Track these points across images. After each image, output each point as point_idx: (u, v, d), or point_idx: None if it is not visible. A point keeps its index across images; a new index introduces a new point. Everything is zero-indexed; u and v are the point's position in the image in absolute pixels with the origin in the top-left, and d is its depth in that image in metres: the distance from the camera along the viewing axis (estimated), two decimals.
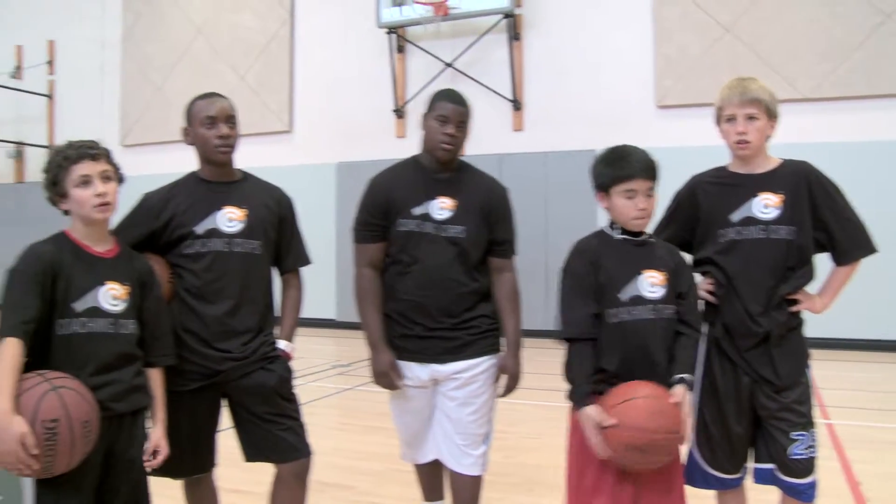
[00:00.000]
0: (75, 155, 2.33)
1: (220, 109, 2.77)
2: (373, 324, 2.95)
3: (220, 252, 2.69)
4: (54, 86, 14.85)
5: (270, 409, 2.73)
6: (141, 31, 13.91)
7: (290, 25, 12.58)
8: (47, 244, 2.34)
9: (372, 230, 2.97)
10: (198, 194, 2.75)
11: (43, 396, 2.06)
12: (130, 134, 13.82)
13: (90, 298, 2.30)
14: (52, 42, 14.82)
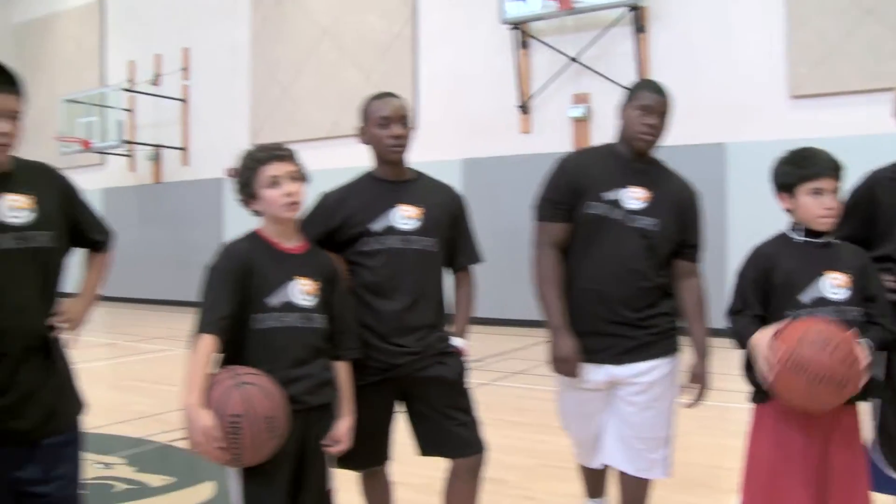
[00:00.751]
0: (265, 157, 2.44)
1: (395, 109, 2.83)
2: (554, 306, 2.88)
3: (397, 249, 2.76)
4: (188, 90, 15.51)
5: (446, 404, 2.78)
6: (269, 35, 14.37)
7: (414, 24, 12.75)
8: (241, 242, 2.49)
9: (558, 209, 2.92)
10: (373, 193, 2.82)
11: (230, 392, 2.18)
12: (260, 134, 14.29)
13: (283, 294, 2.40)
14: (186, 49, 15.49)
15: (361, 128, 2.90)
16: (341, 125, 13.15)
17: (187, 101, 15.52)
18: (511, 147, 11.68)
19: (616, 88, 10.91)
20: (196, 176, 15.27)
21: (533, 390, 6.94)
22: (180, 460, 4.72)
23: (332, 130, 13.06)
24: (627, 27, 10.88)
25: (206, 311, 2.31)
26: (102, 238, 2.62)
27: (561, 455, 4.62)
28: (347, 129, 13.07)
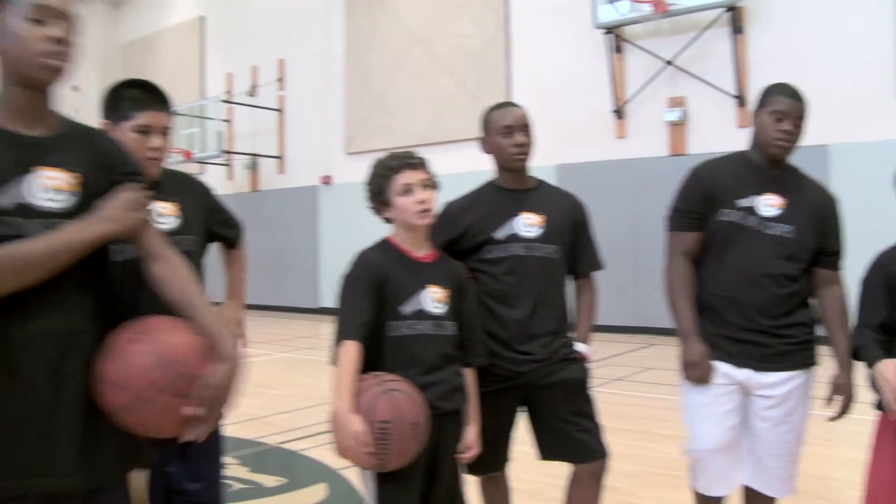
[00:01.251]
0: (398, 165, 2.48)
1: (517, 118, 2.85)
2: (685, 313, 2.84)
3: (520, 256, 2.79)
4: (284, 101, 15.89)
5: (570, 410, 2.79)
6: (362, 45, 14.62)
7: (506, 30, 12.79)
8: (375, 251, 2.53)
9: (691, 218, 2.88)
10: (496, 201, 2.86)
11: (378, 398, 2.22)
12: (353, 142, 14.55)
13: (416, 301, 2.45)
14: (282, 61, 15.89)
15: (483, 138, 2.93)
16: (434, 132, 13.30)
17: (283, 111, 15.91)
18: (606, 152, 11.60)
19: (713, 91, 10.74)
20: (292, 184, 15.64)
21: (634, 397, 6.88)
22: (292, 462, 4.85)
23: (425, 137, 13.20)
24: (724, 28, 10.68)
25: (347, 319, 2.37)
26: (236, 234, 2.86)
27: (667, 463, 4.58)
28: (440, 136, 13.29)
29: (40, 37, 1.68)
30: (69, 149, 1.77)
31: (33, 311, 1.65)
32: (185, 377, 1.65)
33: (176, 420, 1.66)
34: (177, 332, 1.71)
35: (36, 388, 1.65)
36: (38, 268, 1.63)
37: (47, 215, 1.68)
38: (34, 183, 1.68)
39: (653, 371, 8.33)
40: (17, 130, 1.72)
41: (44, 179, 1.70)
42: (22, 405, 1.64)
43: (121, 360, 1.66)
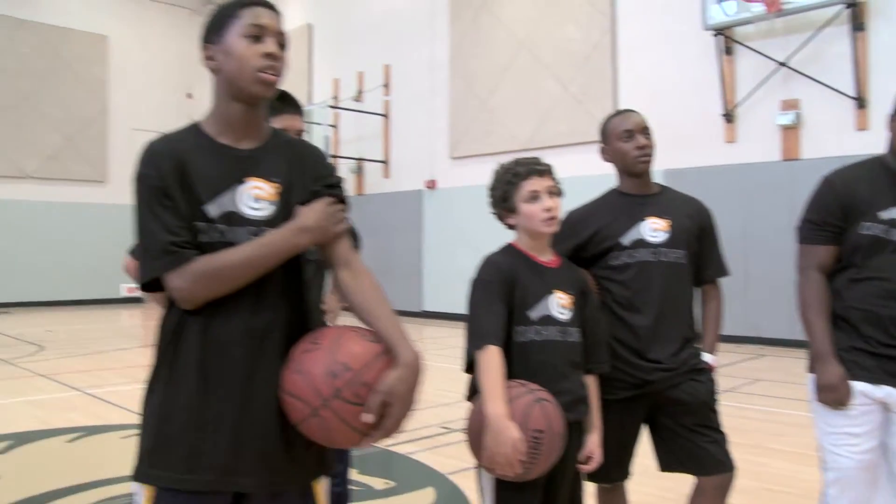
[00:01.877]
0: (525, 171, 2.50)
1: (636, 123, 2.86)
2: (820, 333, 2.69)
3: (648, 262, 2.77)
4: (389, 106, 16.13)
5: (698, 421, 2.74)
6: (467, 50, 14.70)
7: (612, 33, 12.65)
8: (503, 255, 2.53)
9: (826, 231, 2.72)
10: (620, 208, 2.86)
11: (531, 406, 2.23)
12: (458, 146, 14.64)
13: (542, 307, 2.45)
14: (387, 66, 16.13)
15: (603, 147, 2.94)
16: (539, 136, 13.26)
17: (388, 116, 16.15)
18: (715, 157, 11.33)
19: (829, 93, 10.34)
20: (396, 188, 15.84)
21: (745, 409, 6.70)
22: (399, 465, 4.92)
23: (531, 142, 13.17)
24: (843, 26, 10.29)
25: (484, 323, 2.37)
26: (356, 245, 2.99)
27: (783, 479, 4.46)
28: (545, 140, 13.23)
29: (258, 53, 1.79)
30: (273, 160, 1.87)
31: (234, 312, 1.75)
32: (364, 385, 1.67)
33: (356, 429, 1.69)
34: (354, 340, 1.74)
35: (231, 388, 1.74)
36: (246, 273, 1.74)
37: (251, 223, 1.78)
38: (242, 193, 1.79)
39: (763, 383, 8.09)
40: (230, 143, 1.84)
41: (250, 189, 1.80)
42: (217, 403, 1.73)
43: (298, 373, 1.71)
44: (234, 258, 1.73)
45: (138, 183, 1.77)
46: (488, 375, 2.26)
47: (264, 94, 1.82)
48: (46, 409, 6.67)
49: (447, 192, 14.72)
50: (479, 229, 14.17)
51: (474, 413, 2.31)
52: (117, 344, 11.78)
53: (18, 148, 18.49)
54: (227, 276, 1.73)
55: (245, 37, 1.80)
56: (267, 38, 1.82)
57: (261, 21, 1.81)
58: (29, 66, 18.71)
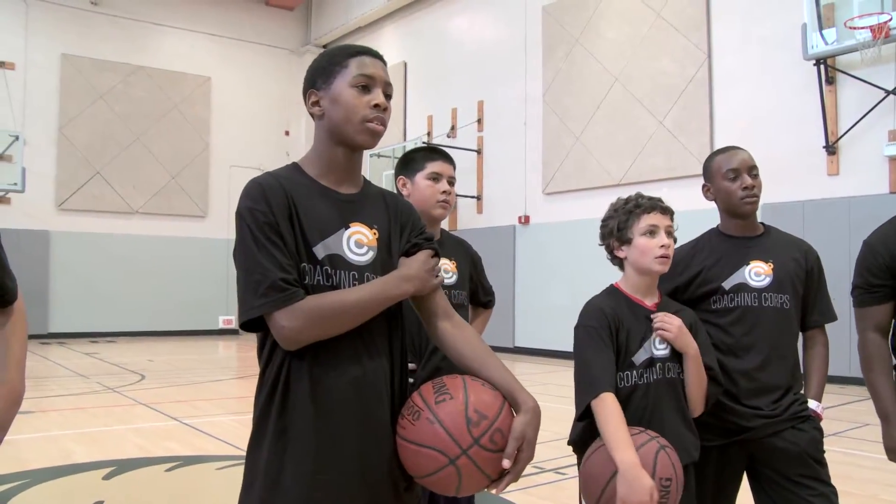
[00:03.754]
0: (648, 205, 2.48)
1: (742, 161, 2.78)
2: (884, 393, 2.66)
3: (751, 307, 2.69)
4: (483, 141, 16.21)
5: (802, 472, 2.62)
6: (560, 85, 14.68)
7: (708, 66, 12.43)
8: (605, 299, 2.50)
9: (874, 292, 2.70)
10: (722, 249, 2.78)
11: (657, 453, 2.19)
12: (552, 182, 14.58)
13: (646, 350, 2.42)
14: (481, 102, 16.24)
15: (706, 185, 2.87)
16: (634, 172, 13.10)
17: (481, 152, 16.23)
18: (817, 191, 10.95)
19: None
20: (490, 223, 15.85)
21: (853, 456, 6.38)
22: None
23: (625, 177, 13.03)
24: None
25: (595, 370, 2.34)
26: (490, 298, 3.26)
27: None
28: (640, 175, 13.06)
29: (366, 103, 1.82)
30: (371, 207, 1.90)
31: (342, 360, 1.75)
32: (499, 432, 1.69)
33: (489, 476, 1.69)
34: (481, 389, 1.76)
35: (346, 439, 1.74)
36: (356, 316, 1.74)
37: (353, 267, 1.80)
38: (348, 237, 1.81)
39: (872, 427, 7.68)
40: (333, 188, 1.86)
41: (354, 234, 1.82)
42: (332, 455, 1.73)
43: (433, 423, 1.71)
44: (347, 299, 1.73)
45: (247, 217, 1.75)
46: (611, 423, 2.22)
47: (369, 143, 1.85)
48: (146, 437, 6.86)
49: (540, 228, 14.66)
50: (572, 266, 14.15)
51: (594, 462, 2.25)
52: (213, 375, 12.07)
53: (129, 185, 19.42)
54: (339, 318, 1.72)
55: (354, 86, 1.82)
56: (375, 89, 1.85)
57: (370, 71, 1.84)
58: (141, 108, 19.67)
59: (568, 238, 13.81)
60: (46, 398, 8.84)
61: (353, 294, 1.74)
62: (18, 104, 17.90)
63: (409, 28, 18.89)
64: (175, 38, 20.41)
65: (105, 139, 19.18)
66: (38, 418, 7.50)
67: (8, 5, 18.22)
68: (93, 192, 19.01)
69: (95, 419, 7.79)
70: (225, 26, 21.00)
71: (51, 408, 8.23)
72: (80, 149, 18.87)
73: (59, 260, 18.28)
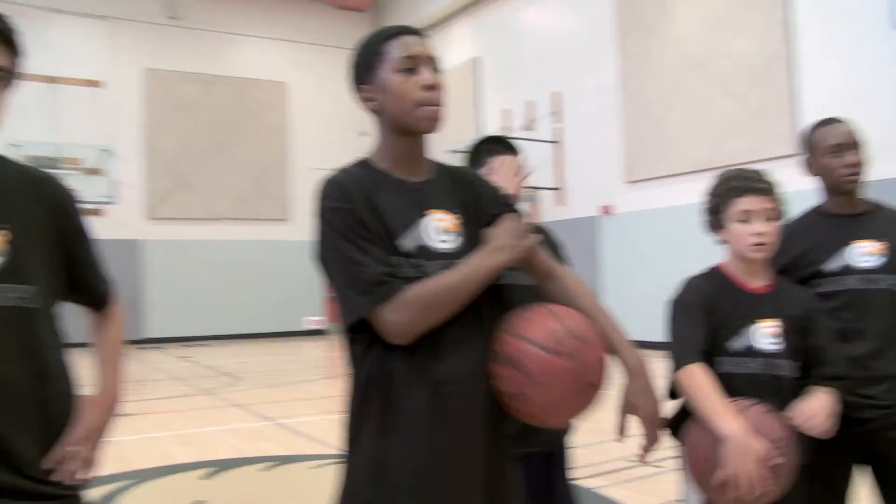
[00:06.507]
0: (741, 187, 2.30)
1: (845, 135, 2.60)
2: None
3: (858, 290, 2.53)
4: (561, 133, 16.07)
5: None
6: (636, 72, 14.43)
7: (790, 43, 12.04)
8: (703, 279, 2.38)
9: None
10: (824, 229, 2.63)
11: (764, 415, 2.06)
12: (633, 170, 14.35)
13: (745, 338, 2.26)
14: (556, 93, 16.10)
15: (807, 158, 2.70)
16: (716, 156, 12.79)
17: (560, 143, 16.08)
18: None
19: None
20: (571, 215, 15.71)
21: None
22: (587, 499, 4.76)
23: (707, 162, 12.73)
24: None
25: (686, 344, 2.24)
26: None
27: None
28: (723, 159, 12.72)
29: (416, 86, 1.75)
30: (447, 191, 1.84)
31: (450, 348, 1.70)
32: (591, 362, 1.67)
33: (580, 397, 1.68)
34: (581, 320, 1.73)
35: (456, 430, 1.69)
36: (452, 301, 1.68)
37: (441, 256, 1.74)
38: (429, 226, 1.75)
39: None
40: (404, 178, 1.81)
41: (435, 222, 1.77)
42: (446, 451, 1.69)
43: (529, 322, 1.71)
44: (447, 282, 1.68)
45: (331, 217, 1.72)
46: (702, 393, 2.10)
47: (430, 127, 1.79)
48: (241, 437, 7.02)
49: (623, 217, 14.44)
50: (659, 255, 13.90)
51: (696, 436, 2.11)
52: (304, 375, 12.28)
53: (213, 192, 19.92)
54: (444, 302, 1.66)
55: (398, 71, 1.75)
56: (421, 68, 1.77)
57: (411, 51, 1.76)
58: (220, 116, 20.15)
59: (653, 226, 13.56)
60: (146, 401, 9.12)
61: (452, 276, 1.68)
62: (108, 119, 18.51)
63: (478, 23, 18.83)
64: (251, 46, 20.83)
65: (189, 148, 19.73)
66: (140, 420, 7.75)
67: (93, 27, 18.89)
68: (180, 200, 19.57)
69: (192, 421, 8.01)
70: (298, 32, 21.32)
71: (150, 410, 8.49)
72: (166, 159, 19.45)
73: (150, 267, 18.87)
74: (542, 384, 1.64)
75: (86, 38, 18.77)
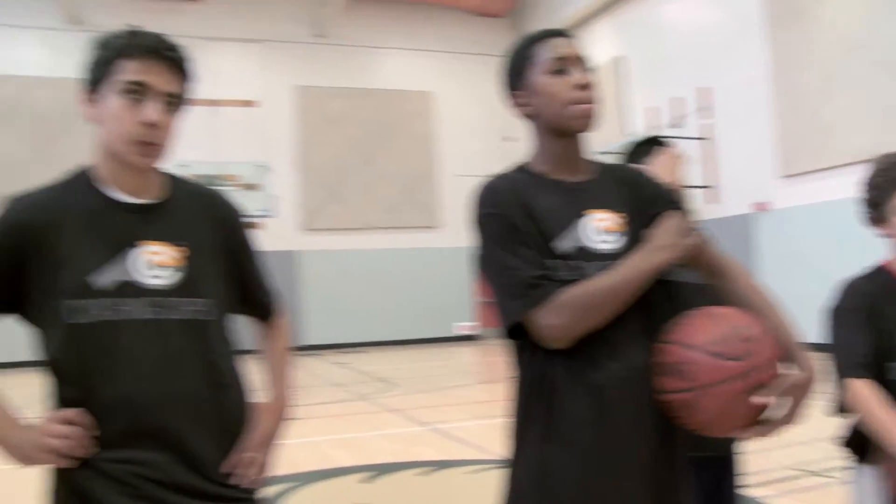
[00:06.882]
0: None
1: None
2: None
3: None
4: (711, 129, 15.56)
5: None
6: (791, 60, 13.78)
7: None
8: (865, 280, 2.26)
9: None
10: None
11: None
12: (790, 164, 13.72)
13: None
14: (705, 89, 15.60)
15: None
16: (885, 145, 12.02)
17: (710, 140, 15.58)
18: None
19: None
20: (724, 213, 15.18)
21: None
22: None
23: (872, 151, 11.90)
24: None
25: (848, 356, 2.14)
26: None
27: None
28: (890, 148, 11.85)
29: (567, 86, 1.76)
30: (609, 190, 1.82)
31: (612, 351, 1.68)
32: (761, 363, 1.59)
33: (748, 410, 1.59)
34: (749, 319, 1.67)
35: (619, 437, 1.67)
36: (610, 303, 1.65)
37: (601, 257, 1.72)
38: (588, 226, 1.74)
39: None
40: (562, 178, 1.81)
41: (595, 222, 1.75)
42: (608, 454, 1.66)
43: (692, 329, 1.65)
44: (605, 284, 1.65)
45: (486, 223, 1.74)
46: (869, 410, 1.99)
47: (584, 126, 1.78)
48: (398, 442, 7.17)
49: (780, 214, 13.81)
50: (820, 252, 13.21)
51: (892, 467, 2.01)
52: (457, 381, 12.41)
53: (364, 202, 20.52)
54: (599, 305, 1.64)
55: (549, 73, 1.76)
56: (571, 68, 1.77)
57: (560, 52, 1.77)
58: (368, 128, 20.74)
59: (812, 222, 12.90)
60: (306, 406, 9.47)
61: (610, 277, 1.65)
62: (263, 137, 19.44)
63: (619, 21, 18.52)
64: (395, 58, 21.33)
65: (339, 161, 20.38)
66: (302, 425, 8.03)
67: (247, 50, 19.90)
68: (333, 211, 20.26)
69: (350, 425, 8.26)
70: (440, 41, 21.63)
71: (310, 415, 8.80)
72: (319, 172, 20.18)
73: (307, 277, 19.59)
74: (708, 391, 1.58)
75: (241, 62, 19.78)
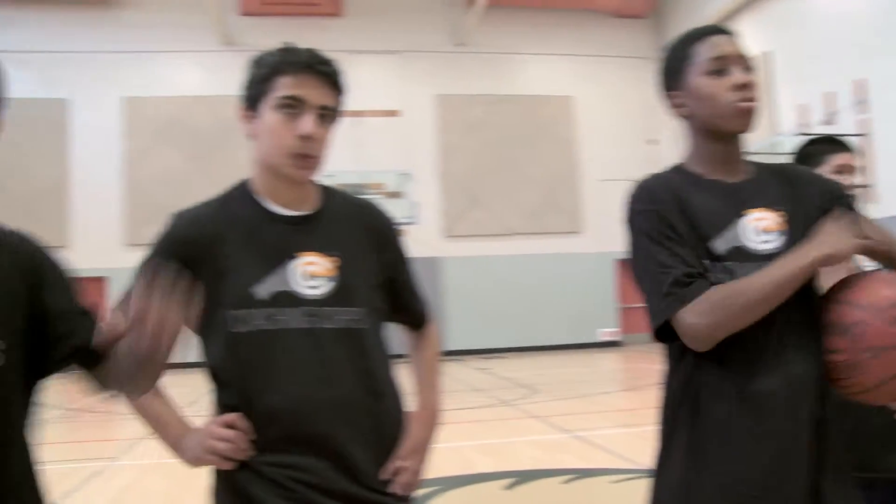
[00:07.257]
0: None
1: None
2: None
3: None
4: (869, 124, 14.74)
5: None
6: None
7: None
8: None
9: None
10: None
11: None
12: None
13: None
14: (860, 81, 14.80)
15: None
16: None
17: (868, 135, 14.76)
18: None
19: None
20: (886, 213, 14.31)
21: None
22: None
23: None
24: None
25: None
26: None
27: None
28: None
29: (727, 87, 1.72)
30: (769, 189, 1.78)
31: (761, 361, 1.63)
32: None
33: None
34: None
35: (771, 450, 1.61)
36: (760, 303, 1.59)
37: (759, 258, 1.67)
38: (746, 227, 1.71)
39: None
40: (720, 179, 1.77)
41: (754, 222, 1.71)
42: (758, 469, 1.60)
43: None
44: (751, 284, 1.60)
45: (639, 221, 1.73)
46: None
47: (743, 127, 1.74)
48: (541, 449, 7.16)
49: None
50: None
51: None
52: (600, 387, 12.27)
53: (506, 208, 20.63)
54: (747, 305, 1.58)
55: (709, 73, 1.73)
56: (731, 68, 1.73)
57: (720, 52, 1.73)
58: (508, 133, 20.86)
59: None
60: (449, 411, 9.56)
61: (760, 276, 1.60)
62: (405, 146, 19.91)
63: (764, 16, 17.82)
64: (535, 64, 21.34)
65: (480, 167, 20.57)
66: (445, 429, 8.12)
67: (388, 61, 20.43)
68: (474, 217, 20.46)
69: (492, 431, 8.31)
70: (580, 45, 21.46)
71: (453, 420, 8.89)
72: (460, 179, 20.44)
73: (449, 283, 19.83)
74: (880, 355, 1.53)
75: (382, 73, 20.31)
